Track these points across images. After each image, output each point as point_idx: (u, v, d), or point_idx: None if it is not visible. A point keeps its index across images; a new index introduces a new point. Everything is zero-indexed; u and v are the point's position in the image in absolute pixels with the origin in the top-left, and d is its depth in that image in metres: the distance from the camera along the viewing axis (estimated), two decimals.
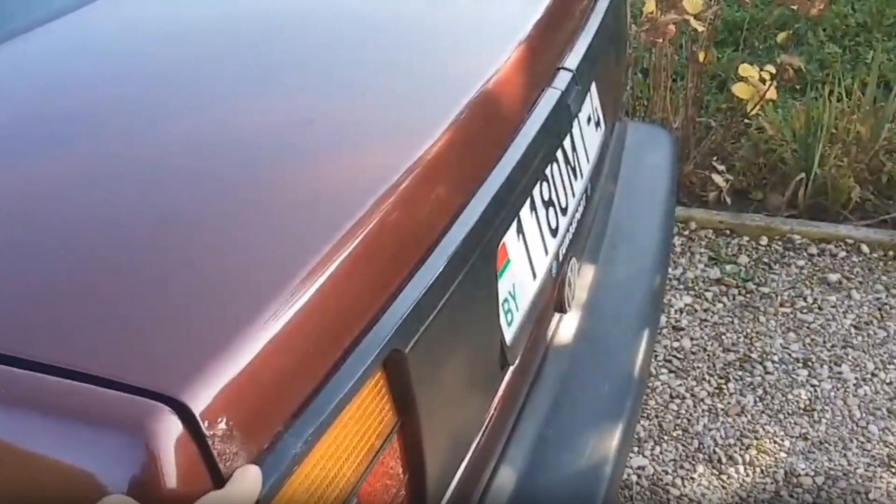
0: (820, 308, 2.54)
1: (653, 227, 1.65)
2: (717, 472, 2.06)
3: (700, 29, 2.58)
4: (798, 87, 3.38)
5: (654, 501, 1.99)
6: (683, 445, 2.13)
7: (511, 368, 1.06)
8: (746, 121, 3.19)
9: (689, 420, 2.20)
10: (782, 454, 2.09)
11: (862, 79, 3.19)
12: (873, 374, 2.30)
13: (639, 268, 1.56)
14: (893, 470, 2.03)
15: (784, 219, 2.88)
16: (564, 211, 1.23)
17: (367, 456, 0.75)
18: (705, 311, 2.56)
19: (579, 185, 1.30)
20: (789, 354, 2.38)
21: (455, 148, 0.90)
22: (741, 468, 2.06)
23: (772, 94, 2.93)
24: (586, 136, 1.34)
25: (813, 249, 2.77)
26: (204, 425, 0.59)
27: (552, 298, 1.24)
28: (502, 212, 0.98)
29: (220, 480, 0.60)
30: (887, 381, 2.28)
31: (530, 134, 1.07)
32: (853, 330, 2.45)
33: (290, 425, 0.65)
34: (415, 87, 0.99)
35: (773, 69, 2.94)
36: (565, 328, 1.36)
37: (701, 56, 2.78)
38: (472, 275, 0.90)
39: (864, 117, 2.94)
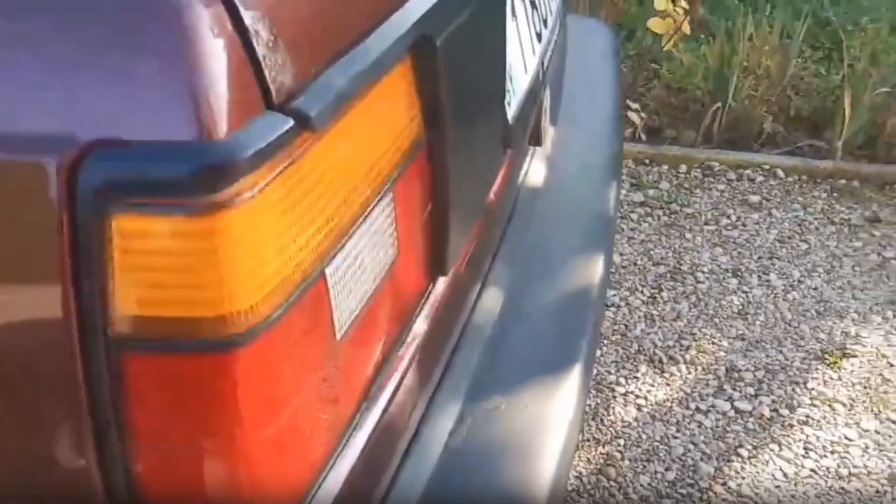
0: (744, 225, 2.57)
1: (605, 95, 1.61)
2: (659, 371, 2.03)
3: None
4: (703, 35, 3.45)
5: (601, 399, 1.95)
6: (623, 348, 2.10)
7: (508, 154, 0.98)
8: (655, 65, 3.24)
9: (626, 326, 2.18)
10: (721, 353, 2.09)
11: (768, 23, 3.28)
12: (799, 281, 2.34)
13: (599, 129, 1.51)
14: (827, 362, 2.05)
15: (701, 149, 2.92)
16: (545, 23, 1.16)
17: (399, 153, 0.65)
18: (632, 230, 2.55)
19: (551, 11, 1.24)
20: (718, 266, 2.40)
21: None
22: (683, 367, 2.05)
23: (685, 28, 2.97)
24: None
25: (731, 175, 2.81)
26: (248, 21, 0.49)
27: (531, 121, 1.18)
28: None
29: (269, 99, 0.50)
30: (813, 286, 2.32)
31: None
32: (777, 243, 2.49)
33: (332, 64, 0.55)
34: None
35: (685, 4, 2.99)
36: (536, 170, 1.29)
37: None
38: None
39: (772, 53, 3.02)
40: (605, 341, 2.11)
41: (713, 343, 2.12)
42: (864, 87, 2.84)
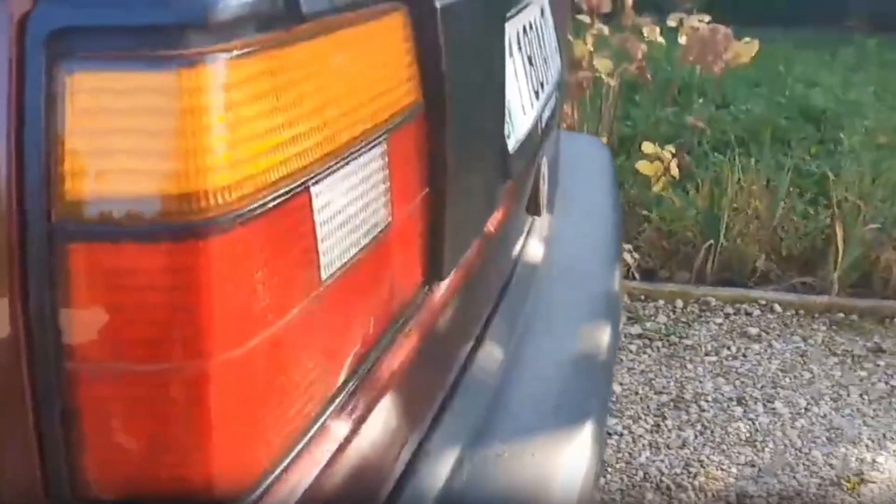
0: (745, 356, 2.50)
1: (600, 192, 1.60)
2: (667, 499, 1.90)
3: (612, 84, 2.67)
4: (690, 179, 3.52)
5: None
6: (628, 476, 1.98)
7: (507, 186, 0.94)
8: (645, 211, 3.27)
9: (630, 454, 2.06)
10: (731, 479, 1.96)
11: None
12: (806, 409, 2.24)
13: (598, 221, 1.48)
14: (845, 488, 1.93)
15: (696, 286, 2.89)
16: (542, 86, 1.16)
17: (394, 106, 0.61)
18: (631, 360, 2.47)
19: (549, 78, 1.23)
20: (722, 394, 2.30)
21: None
22: (692, 493, 1.92)
23: (674, 170, 3.03)
24: (548, 41, 1.29)
25: (728, 309, 2.76)
26: None
27: (530, 177, 1.15)
28: None
29: None
30: (821, 414, 2.22)
31: None
32: (780, 373, 2.41)
33: None
34: None
35: (672, 149, 3.06)
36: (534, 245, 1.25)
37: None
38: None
39: (760, 195, 3.06)
40: (610, 469, 1.99)
41: (722, 470, 1.99)
42: (854, 224, 2.85)
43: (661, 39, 3.34)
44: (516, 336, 1.04)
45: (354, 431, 0.60)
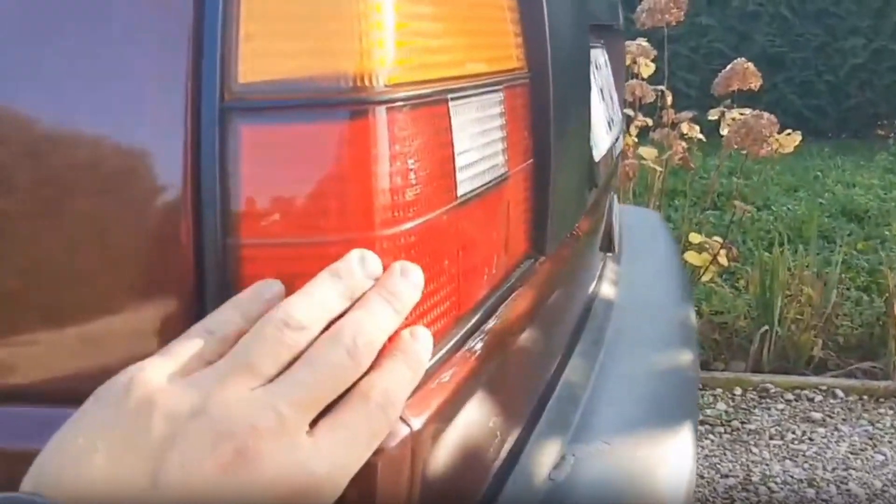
0: (811, 439, 2.41)
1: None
2: None
3: (658, 169, 2.71)
4: (739, 265, 3.51)
5: None
6: None
7: (595, 193, 0.95)
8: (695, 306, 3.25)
9: None
10: None
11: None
12: (883, 491, 2.15)
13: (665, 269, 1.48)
14: None
15: (753, 374, 2.83)
16: (611, 122, 1.18)
17: (507, 61, 0.63)
18: None
19: (615, 119, 1.26)
20: (791, 476, 2.22)
21: None
22: None
23: (723, 259, 3.02)
24: (613, 87, 1.33)
25: (789, 396, 2.70)
26: None
27: (603, 214, 1.16)
28: None
29: None
30: None
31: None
32: (850, 455, 2.32)
33: None
34: None
35: (720, 239, 3.07)
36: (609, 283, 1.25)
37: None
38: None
39: (812, 281, 3.03)
40: None
41: None
42: None
43: (700, 136, 3.41)
44: (601, 354, 1.03)
45: (471, 378, 0.59)
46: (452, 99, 0.51)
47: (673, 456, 0.84)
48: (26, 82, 0.45)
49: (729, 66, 3.11)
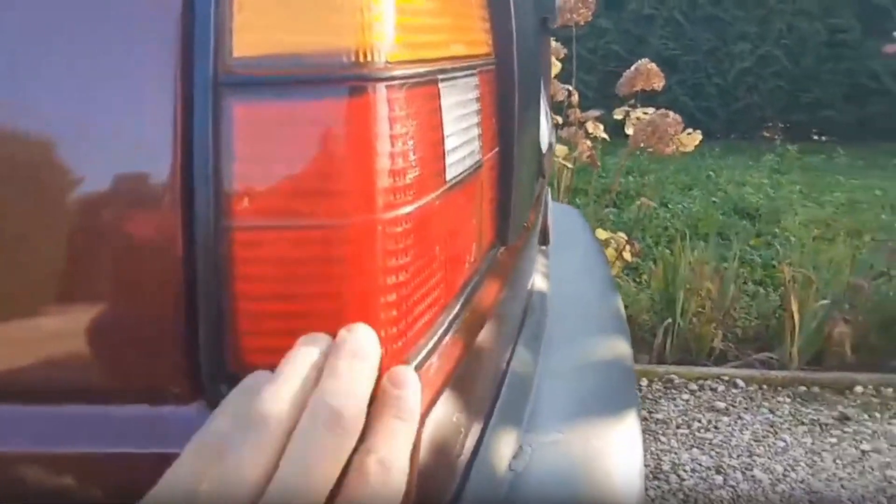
0: (716, 427, 2.50)
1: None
2: None
3: (569, 167, 2.75)
4: (641, 261, 3.61)
5: None
6: None
7: (540, 185, 0.94)
8: None
9: None
10: None
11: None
12: (784, 475, 2.24)
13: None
14: None
15: (658, 365, 2.91)
16: (547, 116, 1.19)
17: (479, 47, 0.62)
18: None
19: (548, 114, 1.27)
20: (700, 464, 2.29)
21: None
22: None
23: (627, 254, 3.10)
24: (547, 87, 1.33)
25: (693, 386, 2.78)
26: None
27: (542, 206, 1.16)
28: None
29: None
30: (799, 479, 2.22)
31: None
32: (753, 443, 2.41)
33: None
34: None
35: (624, 235, 3.15)
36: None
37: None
38: None
39: (712, 276, 3.14)
40: None
41: None
42: (806, 302, 2.94)
43: (604, 135, 3.49)
44: (542, 346, 1.04)
45: (451, 371, 0.58)
46: (442, 80, 0.49)
47: (624, 443, 0.85)
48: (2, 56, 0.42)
49: (633, 67, 3.18)
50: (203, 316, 0.42)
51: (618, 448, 0.82)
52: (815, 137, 7.30)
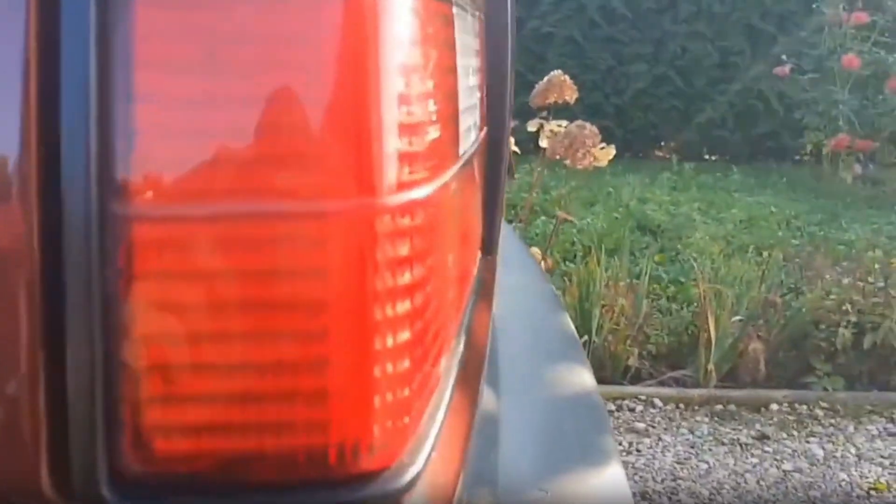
0: (638, 450, 2.41)
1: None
2: None
3: None
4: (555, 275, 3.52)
5: None
6: None
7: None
8: None
9: None
10: None
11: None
12: (711, 499, 2.17)
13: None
14: None
15: None
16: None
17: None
18: None
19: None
20: None
21: None
22: None
23: (548, 266, 3.01)
24: None
25: (611, 406, 2.69)
26: None
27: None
28: None
29: None
30: (726, 503, 2.15)
31: None
32: (676, 465, 2.33)
33: None
34: None
35: (538, 250, 3.05)
36: None
37: None
38: None
39: (626, 291, 3.08)
40: None
41: None
42: (719, 318, 2.90)
43: (515, 149, 3.40)
44: (500, 376, 0.89)
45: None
46: (455, 3, 0.34)
47: (613, 496, 0.71)
48: None
49: (546, 79, 3.12)
50: (74, 376, 0.25)
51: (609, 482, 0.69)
52: (707, 157, 7.46)
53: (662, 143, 7.63)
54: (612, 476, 0.75)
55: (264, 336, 0.29)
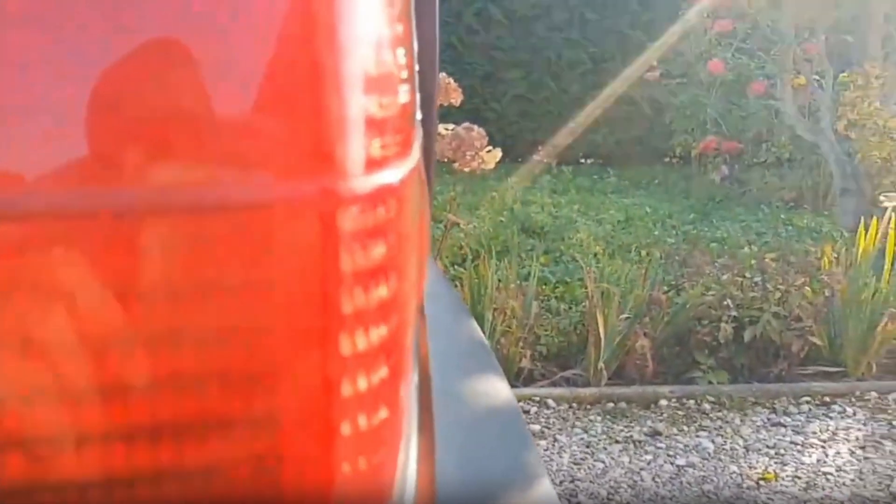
0: None
1: None
2: None
3: None
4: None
5: None
6: None
7: None
8: None
9: None
10: None
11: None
12: (609, 499, 2.17)
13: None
14: None
15: None
16: None
17: None
18: None
19: None
20: None
21: None
22: None
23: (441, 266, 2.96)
24: None
25: None
26: None
27: None
28: None
29: None
30: (624, 502, 2.16)
31: None
32: (573, 466, 2.33)
33: None
34: None
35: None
36: None
37: None
38: None
39: (516, 293, 3.07)
40: None
41: None
42: (607, 318, 2.94)
43: None
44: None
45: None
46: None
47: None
48: None
49: None
50: None
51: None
52: (583, 161, 7.63)
53: (541, 148, 7.75)
54: (541, 492, 0.70)
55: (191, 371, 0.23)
